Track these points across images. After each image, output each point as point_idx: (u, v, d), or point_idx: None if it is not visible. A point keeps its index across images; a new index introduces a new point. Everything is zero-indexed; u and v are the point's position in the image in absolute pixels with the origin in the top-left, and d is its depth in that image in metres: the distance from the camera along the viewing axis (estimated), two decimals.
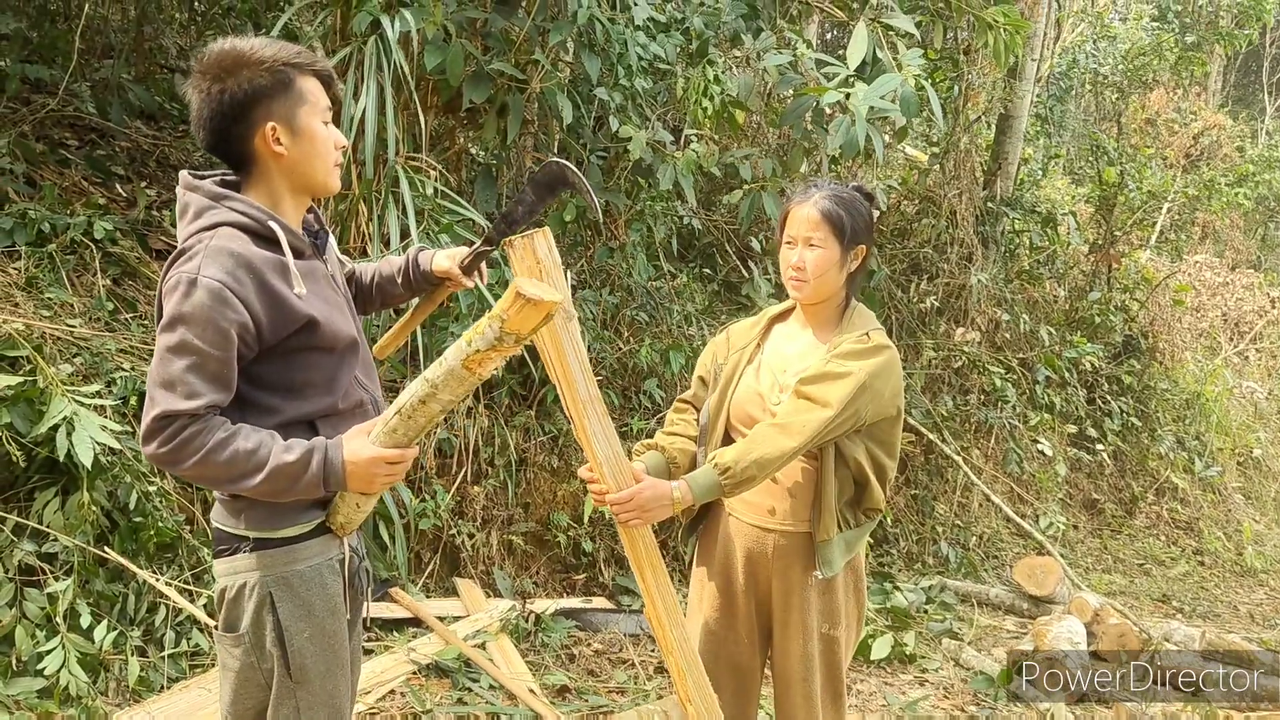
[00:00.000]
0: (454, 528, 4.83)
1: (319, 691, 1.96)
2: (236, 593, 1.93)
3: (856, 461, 2.47)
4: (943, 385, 7.65)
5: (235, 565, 1.94)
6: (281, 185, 1.92)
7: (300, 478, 1.84)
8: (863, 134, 4.64)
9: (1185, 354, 10.71)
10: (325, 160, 1.93)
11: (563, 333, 2.08)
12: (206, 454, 1.76)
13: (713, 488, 2.32)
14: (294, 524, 1.94)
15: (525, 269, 2.03)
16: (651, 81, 5.39)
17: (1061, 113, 12.43)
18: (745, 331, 2.70)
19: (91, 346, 3.98)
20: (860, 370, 2.38)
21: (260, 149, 1.88)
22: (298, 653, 1.92)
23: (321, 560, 1.97)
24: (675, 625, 2.31)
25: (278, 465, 1.81)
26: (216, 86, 1.83)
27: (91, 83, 5.49)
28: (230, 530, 1.95)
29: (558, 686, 4.15)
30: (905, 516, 6.83)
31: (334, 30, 4.85)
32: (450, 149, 5.45)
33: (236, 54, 1.83)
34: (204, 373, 1.76)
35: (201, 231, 1.83)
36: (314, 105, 1.90)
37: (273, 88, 1.84)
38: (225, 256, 1.78)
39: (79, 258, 4.46)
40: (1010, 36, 5.78)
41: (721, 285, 6.81)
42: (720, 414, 2.59)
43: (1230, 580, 7.94)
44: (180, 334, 1.75)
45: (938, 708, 4.52)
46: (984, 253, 8.48)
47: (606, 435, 2.20)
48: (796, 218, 2.50)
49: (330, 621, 1.97)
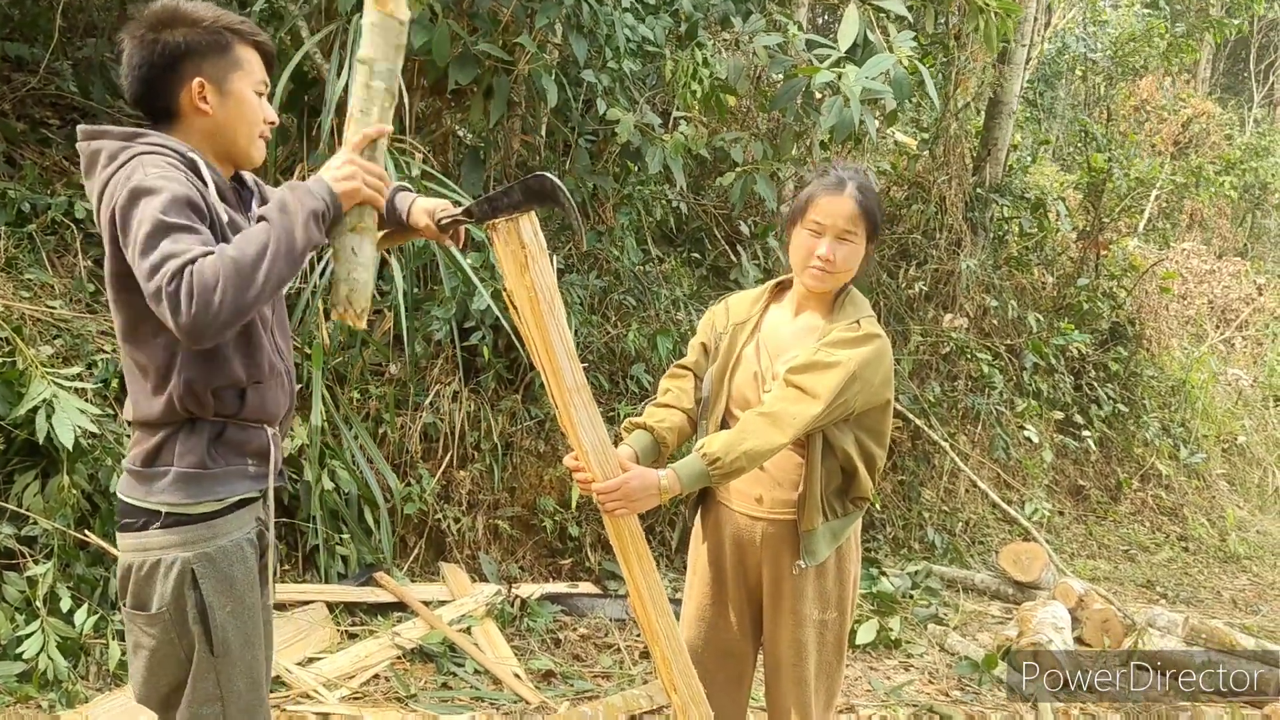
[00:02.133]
0: (439, 512, 4.81)
1: (239, 662, 1.94)
2: (149, 570, 1.87)
3: (845, 451, 2.44)
4: (930, 371, 7.65)
5: (146, 541, 1.88)
6: (203, 144, 1.90)
7: (292, 202, 1.79)
8: (856, 114, 4.60)
9: (1172, 341, 10.75)
10: (250, 128, 1.93)
11: (549, 319, 2.04)
12: (224, 264, 1.67)
13: (700, 476, 2.29)
14: (213, 498, 1.89)
15: (510, 253, 2.00)
16: (640, 64, 5.35)
17: (1051, 99, 12.43)
18: (745, 306, 2.63)
19: (72, 328, 3.95)
20: (850, 360, 2.34)
21: (185, 104, 1.87)
22: (220, 627, 1.90)
23: (241, 535, 1.94)
24: (660, 614, 2.29)
25: (269, 212, 1.77)
26: (151, 35, 1.84)
27: (73, 61, 5.42)
28: (139, 504, 1.88)
29: (543, 671, 4.15)
30: (892, 502, 6.84)
31: (319, 9, 4.80)
32: (437, 131, 5.41)
33: (178, 10, 1.86)
34: (192, 238, 1.70)
35: (119, 168, 1.78)
36: (247, 73, 1.90)
37: (208, 46, 1.85)
38: (159, 161, 1.77)
39: (59, 238, 4.41)
40: (1001, 21, 5.76)
41: (710, 270, 6.79)
42: (721, 394, 2.55)
43: (1214, 566, 7.98)
44: (155, 219, 1.69)
45: (922, 693, 4.53)
46: (973, 239, 8.48)
47: (593, 423, 2.17)
48: (830, 209, 2.40)
49: (250, 594, 1.95)
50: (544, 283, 2.02)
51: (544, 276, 2.03)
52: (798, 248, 2.46)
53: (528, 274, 2.00)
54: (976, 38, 6.32)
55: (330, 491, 4.29)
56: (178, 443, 1.87)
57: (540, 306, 2.01)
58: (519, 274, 2.01)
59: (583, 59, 4.83)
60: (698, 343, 2.69)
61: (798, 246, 2.46)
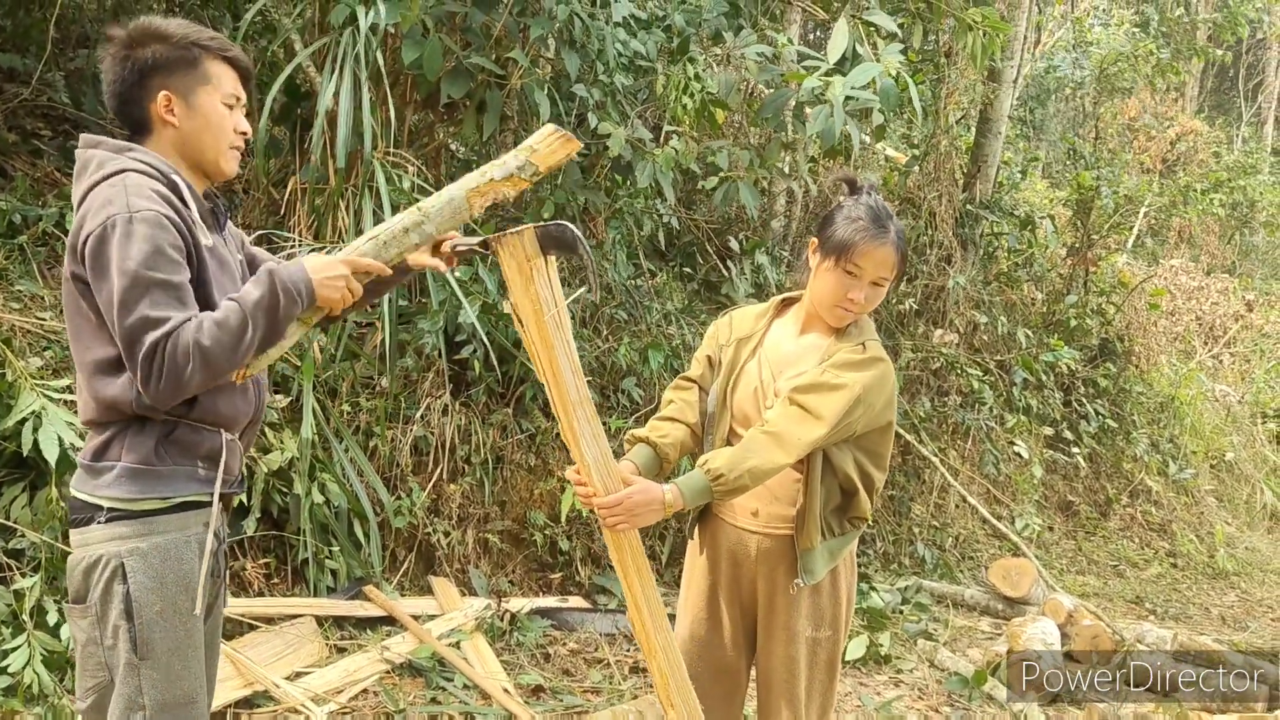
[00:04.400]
0: (429, 526, 4.80)
1: (165, 670, 1.90)
2: (89, 565, 1.89)
3: (845, 471, 2.44)
4: (920, 386, 7.67)
5: (88, 537, 1.90)
6: (173, 155, 1.98)
7: (279, 302, 1.87)
8: (840, 123, 4.62)
9: (1160, 358, 10.80)
10: (217, 139, 1.99)
11: (554, 333, 2.03)
12: (197, 347, 1.77)
13: (703, 492, 2.28)
14: (157, 496, 1.90)
15: (515, 265, 1.99)
16: (632, 78, 5.37)
17: (1041, 116, 12.51)
18: (749, 321, 2.63)
19: (62, 340, 3.93)
20: (856, 383, 2.35)
21: (154, 116, 1.96)
22: (144, 627, 1.87)
23: (179, 536, 1.93)
24: (659, 630, 2.28)
25: (254, 306, 1.84)
26: (124, 52, 1.94)
27: (66, 73, 5.42)
28: (86, 498, 1.91)
29: (532, 686, 4.13)
30: (882, 517, 6.84)
31: (313, 23, 4.81)
32: (429, 144, 5.42)
33: (151, 28, 1.95)
34: (170, 297, 1.80)
35: (108, 178, 1.86)
36: (215, 87, 1.97)
37: (175, 61, 1.94)
38: (147, 189, 1.84)
39: (50, 250, 4.40)
40: (989, 39, 5.80)
41: (701, 284, 6.81)
42: (724, 409, 2.55)
43: (1202, 582, 8.00)
44: (131, 275, 1.77)
45: (912, 709, 4.53)
46: (962, 255, 8.51)
47: (595, 436, 2.15)
48: (874, 257, 2.39)
49: (182, 598, 1.92)
50: (549, 295, 2.02)
51: (549, 289, 2.02)
52: (829, 286, 2.43)
53: (533, 286, 2.00)
54: (966, 54, 6.36)
55: (320, 505, 4.27)
56: (127, 438, 1.90)
57: (545, 319, 2.01)
58: (524, 286, 2.00)
59: (574, 73, 4.84)
60: (703, 355, 2.67)
61: (830, 285, 2.43)
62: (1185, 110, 16.66)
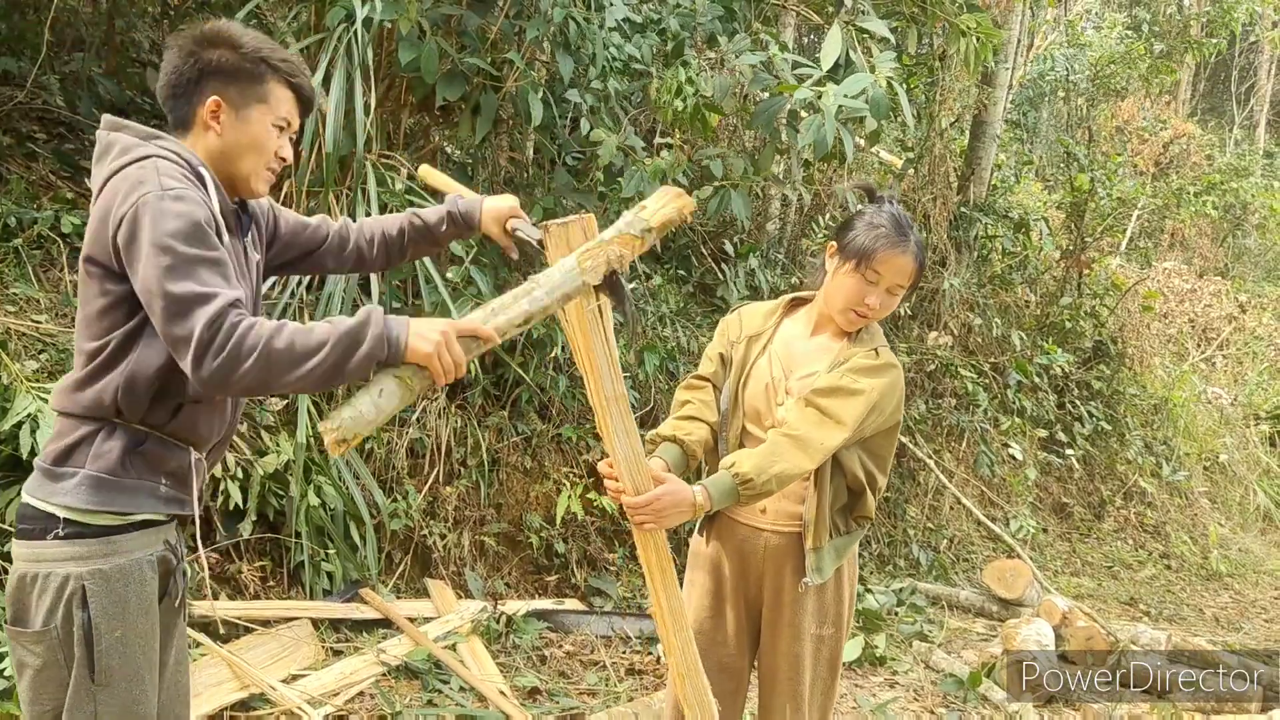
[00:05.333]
0: (425, 528, 4.80)
1: (122, 696, 1.84)
2: (40, 583, 1.80)
3: (852, 472, 2.48)
4: (915, 389, 7.69)
5: (40, 552, 1.80)
6: (208, 159, 1.92)
7: (363, 335, 1.71)
8: (832, 132, 4.64)
9: (1154, 360, 10.83)
10: (254, 158, 1.95)
11: (593, 328, 2.04)
12: (267, 343, 1.67)
13: (730, 494, 2.27)
14: (115, 510, 1.83)
15: (560, 258, 1.98)
16: (627, 82, 5.38)
17: (1035, 119, 12.55)
18: (759, 319, 2.64)
19: (58, 343, 3.93)
20: (872, 389, 2.39)
21: (199, 118, 1.91)
22: (104, 653, 1.80)
23: (142, 555, 1.86)
24: (679, 629, 2.28)
25: (338, 330, 1.71)
26: (191, 47, 1.90)
27: (61, 76, 5.42)
28: (41, 507, 1.82)
29: (528, 688, 4.13)
30: (878, 519, 6.85)
31: (309, 26, 4.81)
32: (425, 147, 5.42)
33: (226, 33, 1.92)
34: (216, 272, 1.72)
35: (135, 161, 1.79)
36: (270, 108, 1.94)
37: (238, 72, 1.90)
38: (174, 170, 1.79)
39: (45, 252, 4.40)
40: (982, 44, 5.82)
41: (697, 287, 6.82)
42: (737, 407, 2.57)
43: (1196, 584, 8.03)
44: (173, 253, 1.69)
45: (907, 710, 4.54)
46: (957, 257, 8.54)
47: (628, 433, 2.15)
48: (894, 264, 2.41)
49: (143, 621, 1.86)
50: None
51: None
52: (846, 290, 2.45)
53: None
54: (960, 59, 6.39)
55: (316, 507, 4.27)
56: (94, 443, 1.82)
57: (585, 313, 2.02)
58: None
59: (568, 77, 4.85)
60: (715, 353, 2.67)
61: (846, 288, 2.45)
62: (1178, 113, 16.71)
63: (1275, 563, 9.06)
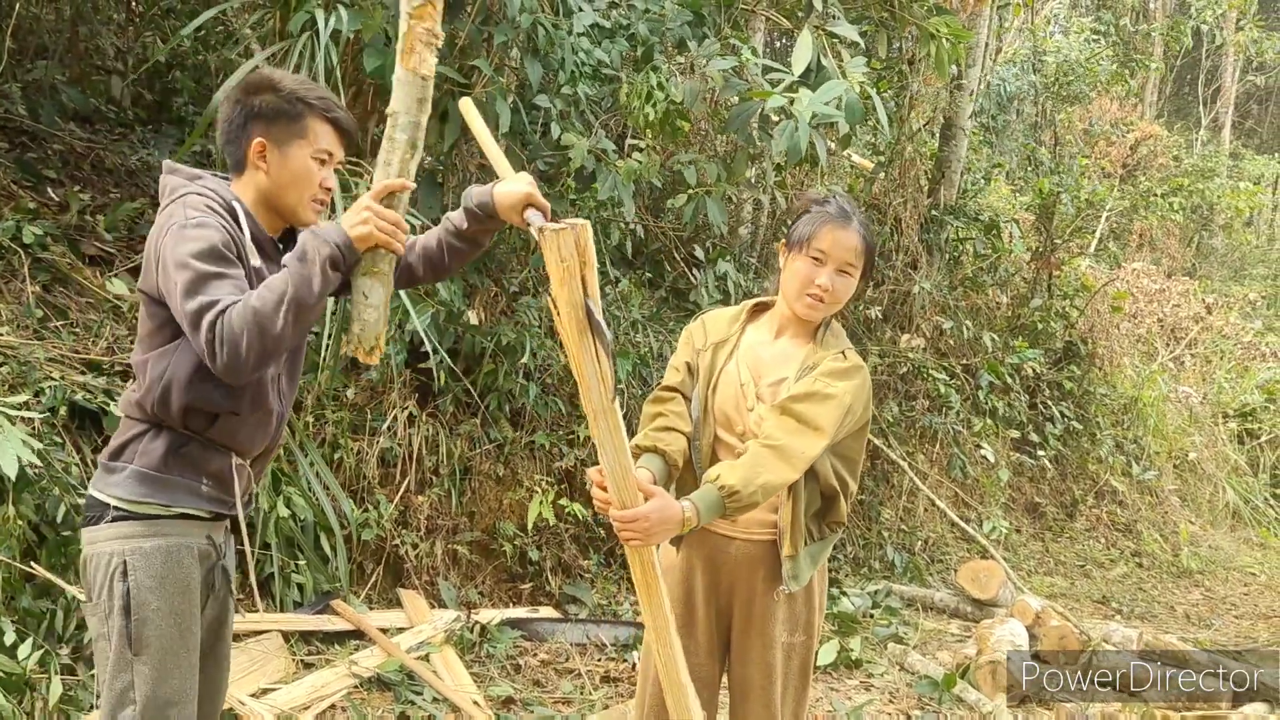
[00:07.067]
0: (397, 538, 4.76)
1: (158, 668, 1.98)
2: (94, 561, 2.02)
3: (825, 476, 2.46)
4: (888, 391, 7.72)
5: (96, 535, 2.02)
6: (257, 196, 2.13)
7: (311, 252, 1.93)
8: (805, 138, 4.65)
9: (1123, 359, 10.93)
10: (300, 192, 2.12)
11: (582, 337, 2.02)
12: (245, 309, 1.86)
13: (717, 508, 2.25)
14: (159, 503, 2.02)
15: (552, 261, 1.94)
16: (596, 88, 5.36)
17: (1004, 122, 12.64)
18: (723, 325, 2.62)
19: (19, 355, 3.86)
20: (844, 393, 2.39)
21: (249, 159, 2.11)
22: (141, 623, 1.97)
23: (180, 541, 2.05)
24: (664, 644, 2.26)
25: (291, 261, 1.94)
26: (239, 95, 2.12)
27: (23, 84, 5.34)
28: (99, 496, 2.04)
29: (503, 698, 4.11)
30: (852, 522, 6.87)
31: (274, 32, 4.77)
32: None
33: (267, 79, 2.13)
34: (227, 286, 1.92)
35: (172, 202, 2.04)
36: (309, 142, 2.11)
37: (278, 113, 2.09)
38: (202, 205, 2.01)
39: (7, 263, 4.33)
40: (952, 47, 5.86)
41: (669, 291, 6.81)
42: (707, 414, 2.54)
43: (1167, 581, 8.10)
44: (190, 269, 1.90)
45: (883, 713, 4.54)
46: (928, 260, 8.58)
47: (616, 448, 2.10)
48: (836, 240, 2.42)
49: (180, 600, 2.03)
50: (578, 300, 2.00)
51: (579, 294, 2.00)
52: (795, 275, 2.46)
53: (565, 289, 1.98)
54: (929, 63, 6.42)
55: (286, 518, 4.23)
56: (142, 442, 2.03)
57: (574, 323, 2.00)
58: (559, 285, 1.99)
59: (537, 83, 4.83)
60: (681, 362, 2.63)
61: (796, 274, 2.46)
62: (1145, 115, 16.90)
63: (1245, 559, 9.17)
